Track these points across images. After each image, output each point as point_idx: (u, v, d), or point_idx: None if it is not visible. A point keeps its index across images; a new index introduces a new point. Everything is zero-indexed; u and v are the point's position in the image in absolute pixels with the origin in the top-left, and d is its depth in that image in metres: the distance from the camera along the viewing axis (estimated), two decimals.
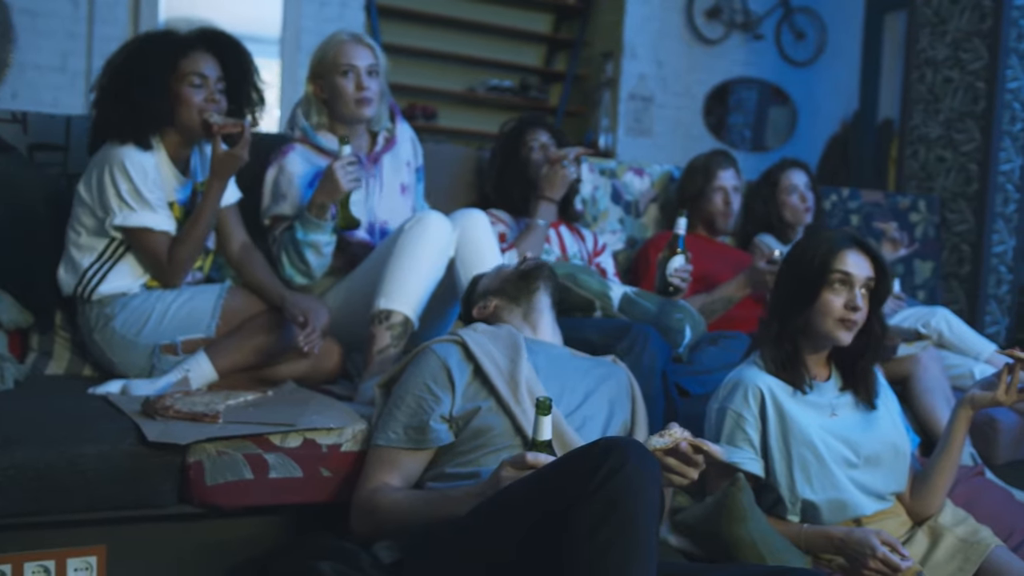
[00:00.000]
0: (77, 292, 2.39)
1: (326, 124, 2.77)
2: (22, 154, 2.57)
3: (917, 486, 2.13)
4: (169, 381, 2.29)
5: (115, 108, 2.34)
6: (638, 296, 2.74)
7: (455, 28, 6.71)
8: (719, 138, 7.15)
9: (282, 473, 1.99)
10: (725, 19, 7.06)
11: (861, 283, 2.02)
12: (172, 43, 2.39)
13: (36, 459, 1.85)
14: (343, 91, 2.69)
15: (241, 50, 2.49)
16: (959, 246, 4.41)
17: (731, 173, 3.39)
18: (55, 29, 5.15)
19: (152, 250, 2.36)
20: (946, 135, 4.49)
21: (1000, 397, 2.04)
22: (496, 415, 1.91)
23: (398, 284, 2.40)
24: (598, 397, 2.06)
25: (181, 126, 2.40)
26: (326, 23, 5.81)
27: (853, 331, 2.02)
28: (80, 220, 2.38)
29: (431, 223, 2.45)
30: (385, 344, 2.37)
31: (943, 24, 4.50)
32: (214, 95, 2.39)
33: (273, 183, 2.67)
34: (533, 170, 3.01)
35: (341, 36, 2.75)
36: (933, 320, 3.31)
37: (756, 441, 2.04)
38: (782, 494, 2.02)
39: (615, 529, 1.45)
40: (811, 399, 2.07)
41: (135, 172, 2.30)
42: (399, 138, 2.87)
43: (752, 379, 2.06)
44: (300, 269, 2.59)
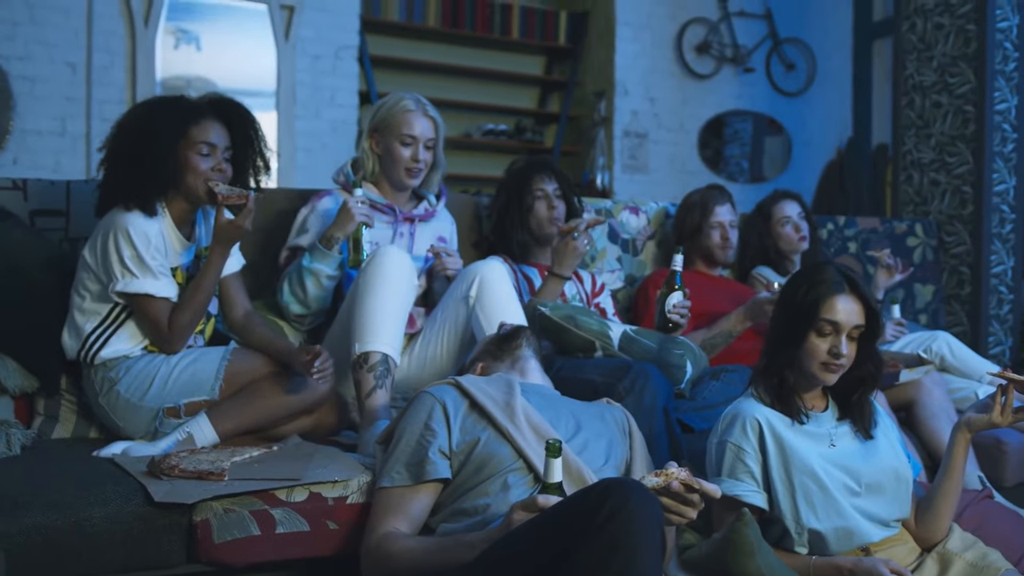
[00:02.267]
0: (80, 356, 2.41)
1: (376, 176, 2.87)
2: (23, 220, 2.60)
3: (922, 512, 2.13)
4: (172, 441, 2.30)
5: (122, 171, 2.36)
6: (638, 334, 2.75)
7: (448, 75, 6.79)
8: (716, 171, 7.20)
9: (289, 528, 2.00)
10: (715, 53, 7.14)
11: (848, 331, 2.02)
12: (183, 109, 2.41)
13: (43, 524, 1.86)
14: (398, 158, 2.80)
15: (249, 119, 2.52)
16: (958, 268, 4.42)
17: (727, 208, 3.41)
18: (53, 94, 5.22)
19: (153, 316, 2.37)
20: (939, 159, 4.52)
21: (996, 419, 2.05)
22: (497, 443, 1.92)
23: (368, 325, 2.42)
24: (593, 426, 2.08)
25: (187, 192, 2.42)
26: (320, 76, 5.88)
27: (838, 373, 2.04)
28: (85, 284, 2.40)
29: (386, 256, 2.49)
30: (371, 387, 2.39)
31: (929, 50, 4.55)
32: (221, 164, 2.41)
33: (303, 220, 2.79)
34: (535, 219, 3.05)
35: (408, 103, 2.83)
36: (935, 344, 3.31)
37: (757, 473, 2.04)
38: (788, 526, 2.02)
39: (618, 568, 1.45)
40: (809, 430, 2.08)
41: (138, 239, 2.32)
42: (439, 214, 2.98)
43: (750, 411, 2.07)
44: (297, 296, 2.65)
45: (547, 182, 3.07)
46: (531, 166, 3.14)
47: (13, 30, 5.09)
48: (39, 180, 2.71)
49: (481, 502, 1.87)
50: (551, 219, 3.05)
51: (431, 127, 2.84)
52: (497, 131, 6.94)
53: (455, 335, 2.61)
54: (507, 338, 2.28)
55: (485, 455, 1.91)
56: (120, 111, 5.27)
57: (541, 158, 3.45)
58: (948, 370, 3.29)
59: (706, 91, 7.17)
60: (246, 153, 2.49)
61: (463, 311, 2.56)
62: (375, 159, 2.87)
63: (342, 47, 5.96)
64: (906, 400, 3.00)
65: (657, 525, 1.52)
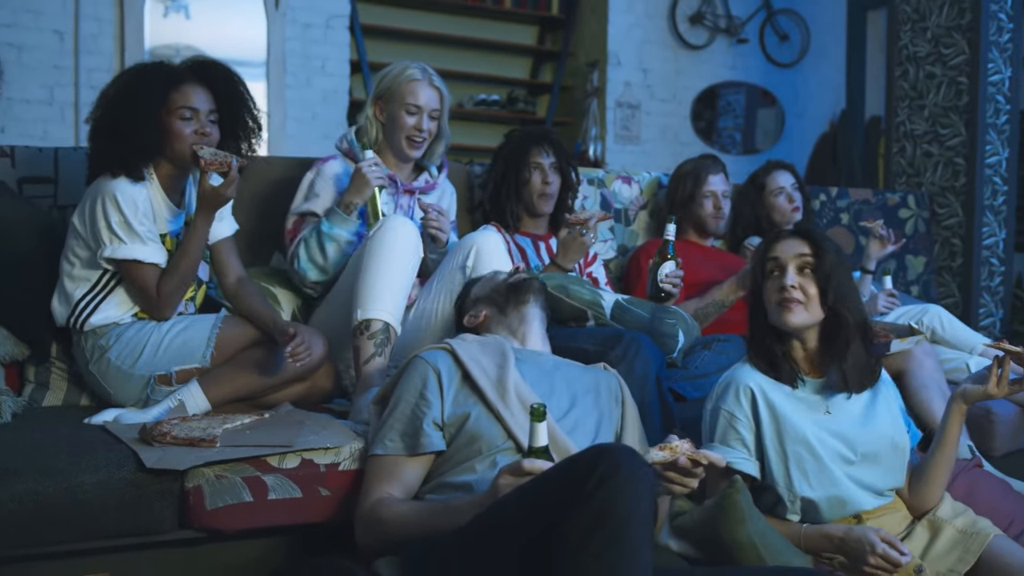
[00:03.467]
0: (70, 323, 2.40)
1: (380, 144, 2.85)
2: (11, 188, 2.58)
3: (915, 481, 2.14)
4: (163, 409, 2.30)
5: (108, 141, 2.35)
6: (630, 303, 2.74)
7: (440, 44, 6.74)
8: (709, 142, 7.18)
9: (281, 494, 2.00)
10: (708, 24, 7.10)
11: (792, 262, 2.03)
12: (163, 76, 2.39)
13: (35, 490, 1.86)
14: (402, 125, 2.79)
15: (234, 80, 2.49)
16: (950, 240, 4.43)
17: (720, 178, 3.40)
18: (41, 62, 5.18)
19: (141, 282, 2.35)
20: (931, 130, 4.51)
21: (991, 390, 2.05)
22: (487, 420, 1.92)
23: (372, 292, 2.42)
24: (586, 403, 2.07)
25: (173, 158, 2.40)
26: (311, 44, 5.84)
27: (795, 310, 2.02)
28: (74, 251, 2.39)
29: (393, 227, 2.48)
30: (370, 354, 2.39)
31: (923, 20, 4.53)
32: (205, 127, 2.38)
33: (309, 184, 2.76)
34: (529, 191, 3.04)
35: (414, 72, 2.81)
36: (926, 318, 3.32)
37: (749, 441, 2.05)
38: (780, 493, 2.03)
39: (607, 536, 1.45)
40: (804, 397, 2.08)
41: (126, 204, 2.31)
42: (440, 187, 2.97)
43: (743, 378, 2.07)
44: (316, 262, 2.65)
45: (544, 155, 3.05)
46: (529, 137, 3.11)
47: None
48: (27, 147, 2.69)
49: (468, 478, 1.87)
50: (544, 193, 3.04)
51: (436, 97, 2.83)
52: (489, 101, 6.91)
53: (451, 303, 2.59)
54: (516, 289, 2.22)
55: (476, 431, 1.91)
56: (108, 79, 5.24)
57: (540, 129, 3.41)
58: (939, 343, 3.30)
59: (699, 62, 7.13)
60: (233, 115, 2.47)
61: (459, 280, 2.55)
62: (378, 127, 2.85)
63: (333, 16, 5.91)
64: (896, 370, 3.00)
65: (648, 492, 1.52)
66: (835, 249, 2.06)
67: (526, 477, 1.64)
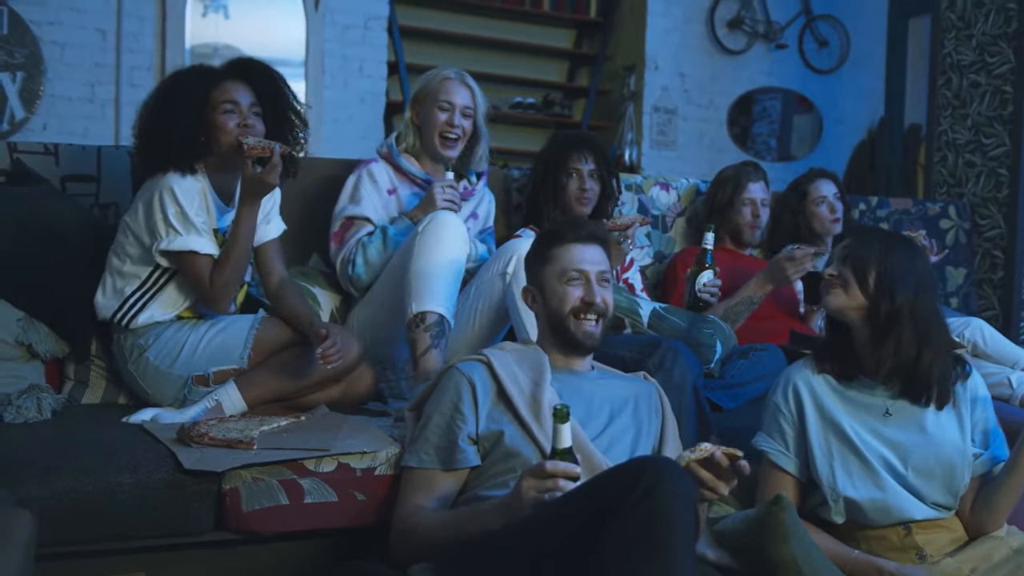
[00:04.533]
0: (116, 318, 2.40)
1: (416, 149, 2.87)
2: (54, 186, 2.61)
3: (980, 503, 2.06)
4: (200, 409, 2.30)
5: (154, 145, 2.37)
6: (667, 312, 2.73)
7: (477, 46, 6.74)
8: (744, 148, 7.13)
9: (317, 498, 2.00)
10: (747, 29, 7.05)
11: (838, 252, 2.09)
12: (203, 76, 2.43)
13: (74, 489, 1.87)
14: (435, 122, 2.81)
15: (273, 75, 2.51)
16: (991, 252, 4.36)
17: (760, 186, 3.37)
18: (83, 60, 5.23)
19: (196, 274, 2.36)
20: (975, 140, 4.45)
21: None
22: (522, 440, 1.91)
23: (425, 285, 2.43)
24: (624, 417, 2.05)
25: (221, 155, 2.41)
26: (349, 46, 5.86)
27: (833, 294, 2.05)
28: (124, 249, 2.40)
29: (445, 221, 2.51)
30: (426, 346, 2.40)
31: (968, 28, 4.47)
32: (248, 119, 2.40)
33: (354, 187, 2.79)
34: (567, 197, 2.98)
35: (447, 72, 2.86)
36: (967, 331, 3.27)
37: (790, 436, 2.07)
38: (824, 492, 2.01)
39: (650, 548, 1.45)
40: (861, 398, 2.06)
41: (182, 196, 2.33)
42: (478, 193, 2.98)
43: (795, 375, 2.11)
44: (375, 267, 2.67)
45: (583, 160, 3.00)
46: (570, 141, 3.08)
47: None
48: (71, 145, 2.72)
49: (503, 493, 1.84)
50: (580, 199, 2.99)
51: (468, 96, 2.85)
52: (525, 104, 6.89)
53: (489, 310, 2.59)
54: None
55: (510, 449, 1.90)
56: (149, 78, 5.35)
57: (582, 133, 3.38)
58: (980, 356, 3.25)
59: (737, 67, 7.08)
60: (276, 108, 2.48)
61: (499, 286, 2.54)
62: (415, 131, 2.87)
63: (372, 17, 5.92)
64: None
65: (691, 504, 1.51)
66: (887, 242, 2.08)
67: (550, 479, 1.63)
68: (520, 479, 1.69)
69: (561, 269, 2.04)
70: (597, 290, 2.03)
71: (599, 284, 2.04)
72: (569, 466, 1.62)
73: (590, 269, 2.04)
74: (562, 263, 2.04)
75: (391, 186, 2.82)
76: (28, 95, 5.05)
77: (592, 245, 2.07)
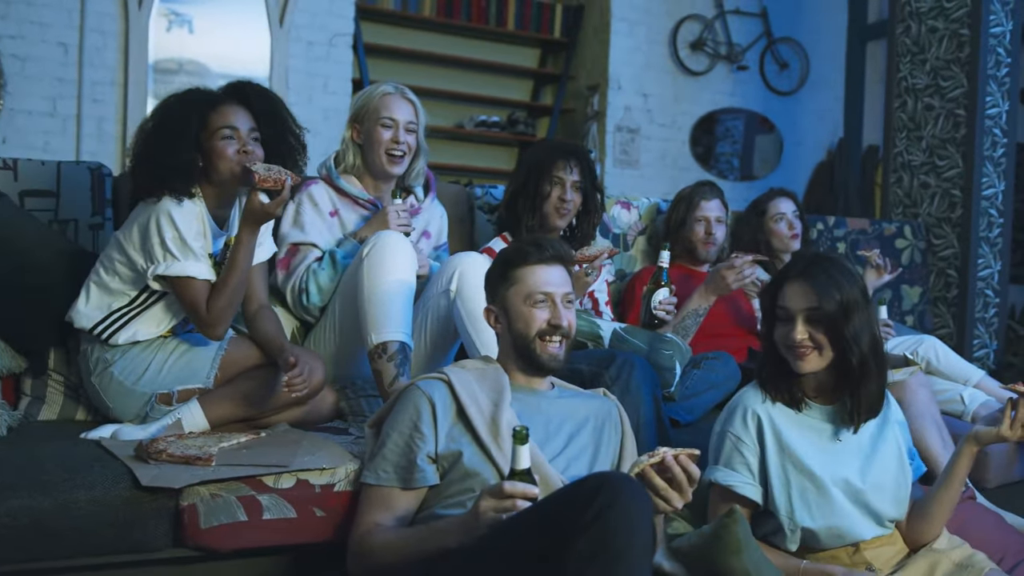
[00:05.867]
0: (96, 330, 2.37)
1: (358, 169, 2.83)
2: (13, 201, 2.59)
3: (915, 516, 2.12)
4: (161, 426, 2.29)
5: (150, 169, 2.32)
6: (628, 333, 2.74)
7: (442, 65, 6.78)
8: (707, 168, 7.20)
9: (276, 514, 2.00)
10: (709, 51, 7.14)
11: (802, 315, 1.99)
12: (199, 100, 2.38)
13: (29, 506, 1.85)
14: (378, 140, 2.76)
15: (272, 98, 2.48)
16: (945, 271, 4.45)
17: (715, 204, 3.41)
18: (44, 74, 5.18)
19: (192, 299, 2.32)
20: (929, 162, 4.54)
21: (1005, 433, 2.04)
22: (480, 461, 1.91)
23: (381, 312, 2.41)
24: (583, 436, 2.05)
25: (219, 180, 2.37)
26: (314, 62, 5.86)
27: (808, 359, 2.00)
28: (115, 266, 2.36)
29: (390, 242, 2.48)
30: (393, 375, 2.38)
31: (923, 53, 4.57)
32: (247, 145, 2.36)
33: (296, 212, 2.72)
34: (549, 207, 2.92)
35: (386, 88, 2.81)
36: (921, 349, 3.32)
37: (754, 466, 2.05)
38: (781, 521, 2.03)
39: (607, 564, 1.46)
40: (812, 424, 2.08)
41: (180, 221, 2.29)
42: (425, 209, 2.92)
43: (751, 403, 2.08)
44: (324, 292, 2.63)
45: (568, 170, 2.93)
46: (557, 149, 3.00)
47: (6, 8, 5.04)
48: (30, 160, 2.70)
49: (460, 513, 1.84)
50: (560, 210, 2.92)
51: (411, 110, 2.80)
52: (489, 122, 6.93)
53: (437, 327, 2.58)
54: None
55: (469, 470, 1.90)
56: (112, 93, 5.32)
57: (571, 143, 3.29)
58: (934, 373, 3.30)
59: (699, 88, 7.17)
60: (275, 133, 2.44)
61: (444, 303, 2.53)
62: (356, 150, 2.81)
63: (336, 34, 5.94)
64: None
65: (648, 520, 1.53)
66: (841, 289, 1.99)
67: (508, 500, 1.63)
68: (478, 499, 1.69)
69: (527, 292, 2.02)
70: (563, 312, 2.02)
71: (564, 306, 2.03)
72: (527, 487, 1.63)
73: (555, 291, 2.03)
74: (527, 285, 2.02)
75: (332, 208, 2.77)
76: None
77: (556, 266, 2.05)
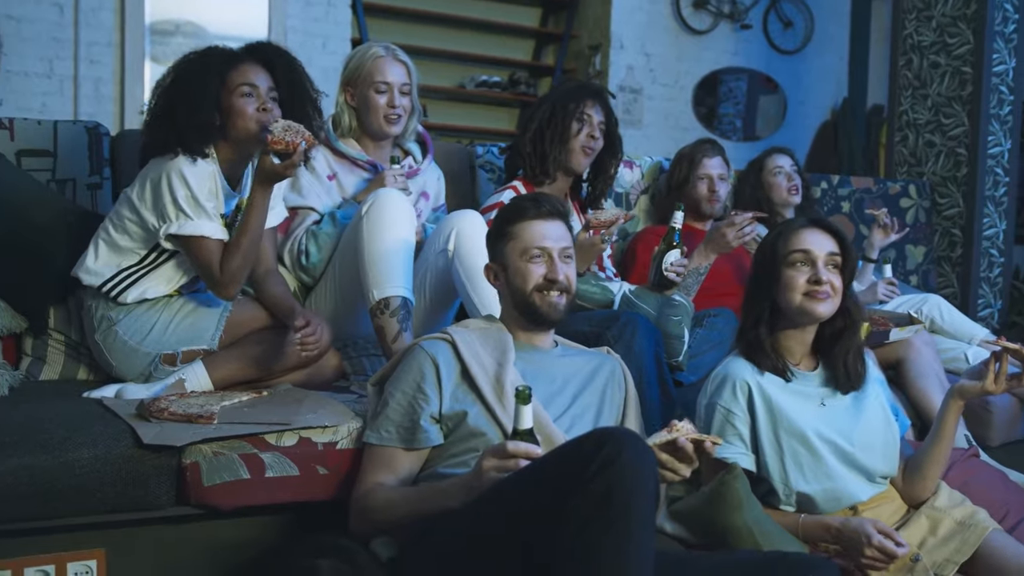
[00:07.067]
0: (105, 288, 2.35)
1: (355, 131, 2.82)
2: (9, 160, 2.57)
3: (909, 472, 2.14)
4: (164, 385, 2.28)
5: (167, 125, 2.29)
6: (637, 297, 2.72)
7: (443, 24, 6.71)
8: (710, 128, 7.15)
9: (279, 472, 2.00)
10: (712, 9, 7.06)
11: (823, 259, 2.04)
12: (219, 58, 2.35)
13: (32, 465, 1.85)
14: (375, 105, 2.75)
15: (292, 61, 2.45)
16: (950, 230, 4.42)
17: (717, 161, 3.38)
18: (40, 35, 5.14)
19: (205, 259, 2.29)
20: (934, 120, 4.50)
21: (988, 386, 2.06)
22: (485, 421, 1.91)
23: (383, 269, 2.41)
24: (587, 395, 2.05)
25: (237, 139, 2.34)
26: (313, 23, 5.80)
27: (827, 302, 2.03)
28: (125, 224, 2.34)
29: (389, 199, 2.47)
30: (396, 331, 2.38)
31: (928, 9, 4.51)
32: (266, 103, 2.33)
33: (293, 178, 2.66)
34: (575, 145, 2.88)
35: (377, 50, 2.79)
36: (925, 307, 3.32)
37: (746, 435, 2.05)
38: (776, 487, 2.03)
39: (610, 519, 1.45)
40: (799, 389, 2.08)
41: (193, 179, 2.26)
42: (424, 171, 2.92)
43: (739, 373, 2.07)
44: (326, 252, 2.63)
45: (596, 110, 2.91)
46: (584, 88, 2.98)
47: None
48: (26, 119, 2.67)
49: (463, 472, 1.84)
50: (587, 148, 2.90)
51: (404, 72, 2.79)
52: (491, 83, 6.87)
53: (437, 287, 2.58)
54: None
55: (474, 429, 1.90)
56: (108, 53, 5.27)
57: (595, 84, 3.26)
58: (938, 332, 3.31)
59: (702, 47, 7.10)
60: (293, 94, 2.41)
61: (442, 263, 2.52)
62: (351, 113, 2.81)
63: None
64: (895, 359, 3.01)
65: (652, 475, 1.52)
66: (851, 242, 2.08)
67: (510, 459, 1.63)
68: (480, 458, 1.69)
69: (523, 247, 2.02)
70: (560, 267, 2.02)
71: (562, 260, 2.03)
72: (530, 447, 1.63)
73: (552, 246, 2.02)
74: (524, 240, 2.02)
75: (330, 172, 2.76)
76: None
77: (554, 221, 2.05)
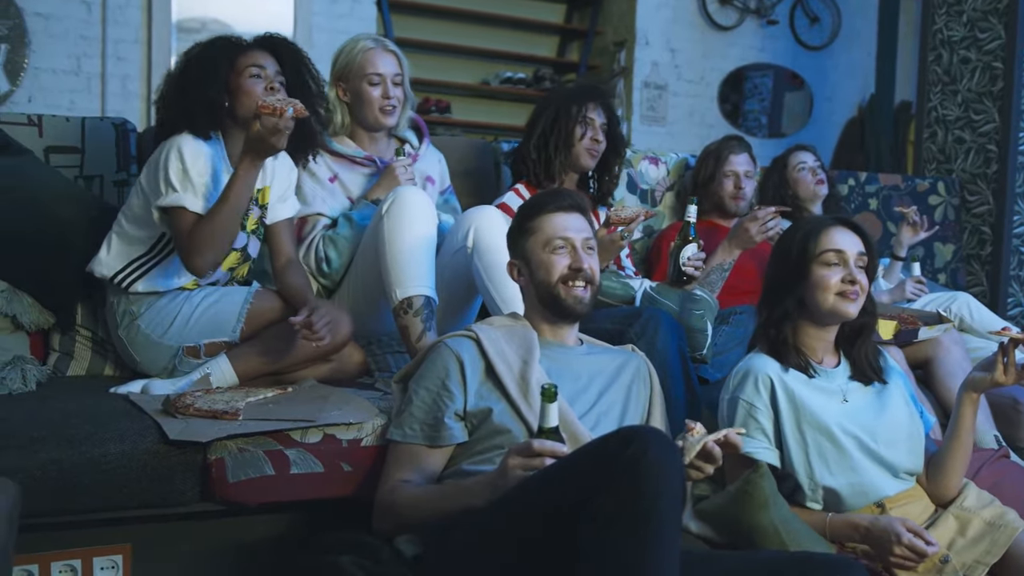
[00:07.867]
0: (116, 279, 2.37)
1: (348, 127, 2.81)
2: (38, 157, 2.58)
3: (933, 469, 2.12)
4: (190, 380, 2.29)
5: (176, 106, 2.35)
6: (658, 294, 2.71)
7: (467, 21, 6.70)
8: (735, 125, 7.11)
9: (303, 469, 2.00)
10: (738, 4, 7.02)
11: (855, 259, 2.04)
12: (228, 44, 2.42)
13: (59, 460, 1.87)
14: (369, 98, 2.74)
15: (296, 49, 2.51)
16: (979, 228, 4.37)
17: (744, 158, 3.36)
18: (68, 32, 5.17)
19: (179, 228, 2.28)
20: (964, 116, 4.44)
21: (999, 378, 2.04)
22: (510, 418, 1.90)
23: (405, 268, 2.40)
24: (612, 392, 2.04)
25: (244, 119, 2.35)
26: (338, 19, 5.81)
27: (857, 302, 2.04)
28: (134, 210, 2.37)
29: (409, 197, 2.46)
30: (420, 330, 2.37)
31: (959, 4, 4.46)
32: (273, 83, 2.38)
33: (295, 187, 2.67)
34: (580, 148, 2.89)
35: (366, 43, 2.78)
36: (954, 305, 3.29)
37: (769, 430, 2.04)
38: (801, 483, 2.01)
39: (636, 518, 1.45)
40: (822, 385, 2.07)
41: (189, 155, 2.29)
42: (423, 155, 2.90)
43: (761, 367, 2.06)
44: (345, 257, 2.63)
45: (598, 112, 2.92)
46: (584, 90, 2.99)
47: None
48: (54, 116, 2.69)
49: (488, 469, 1.84)
50: (592, 151, 2.91)
51: (395, 62, 2.78)
52: (515, 79, 6.86)
53: (457, 284, 2.56)
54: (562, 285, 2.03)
55: (500, 426, 1.90)
56: (135, 50, 5.31)
57: (595, 86, 3.29)
58: (967, 331, 3.27)
59: (728, 43, 7.06)
60: (299, 83, 2.46)
61: (462, 260, 2.51)
62: (343, 109, 2.79)
63: None
64: (924, 357, 2.98)
65: (678, 473, 1.51)
66: (874, 244, 2.11)
67: (536, 458, 1.63)
68: (505, 456, 1.68)
69: (546, 239, 2.02)
70: (584, 256, 2.02)
71: (584, 251, 2.03)
72: (556, 445, 1.63)
73: (575, 236, 2.03)
74: (546, 232, 2.03)
75: (331, 174, 2.74)
76: (12, 68, 5.00)
77: (574, 213, 2.06)
